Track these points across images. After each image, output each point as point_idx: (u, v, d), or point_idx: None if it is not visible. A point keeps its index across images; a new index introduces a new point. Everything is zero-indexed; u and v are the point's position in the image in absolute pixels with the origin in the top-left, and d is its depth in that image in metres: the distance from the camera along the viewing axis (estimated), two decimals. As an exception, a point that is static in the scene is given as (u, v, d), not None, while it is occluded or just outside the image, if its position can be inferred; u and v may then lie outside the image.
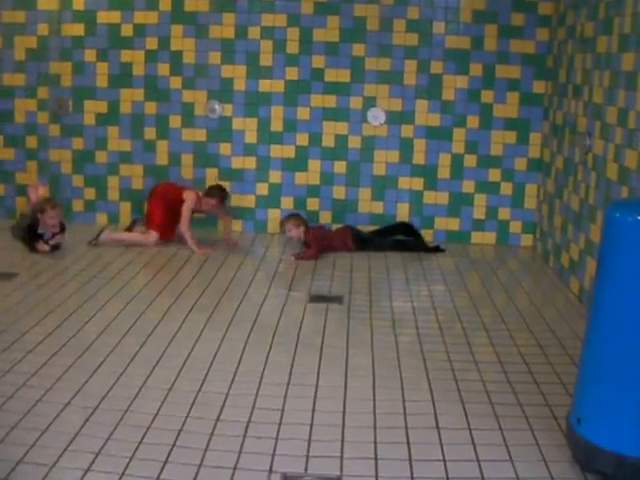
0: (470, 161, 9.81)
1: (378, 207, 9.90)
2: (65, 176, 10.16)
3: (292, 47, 9.74)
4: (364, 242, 9.37)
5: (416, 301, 7.55)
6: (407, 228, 9.73)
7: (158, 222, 9.24)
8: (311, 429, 4.77)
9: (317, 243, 9.06)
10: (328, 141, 9.88)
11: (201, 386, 5.35)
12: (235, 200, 10.02)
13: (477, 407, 5.17)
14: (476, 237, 9.95)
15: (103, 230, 9.27)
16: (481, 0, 9.50)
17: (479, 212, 9.91)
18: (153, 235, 9.18)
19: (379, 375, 5.66)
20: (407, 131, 9.81)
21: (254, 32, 9.75)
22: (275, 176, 10.02)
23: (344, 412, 5.02)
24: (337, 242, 9.28)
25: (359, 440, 4.66)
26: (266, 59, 9.80)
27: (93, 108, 10.04)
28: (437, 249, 9.42)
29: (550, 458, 4.49)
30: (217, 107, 9.94)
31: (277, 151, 9.97)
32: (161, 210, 9.22)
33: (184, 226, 9.04)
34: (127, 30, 9.84)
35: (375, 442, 4.63)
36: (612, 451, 4.10)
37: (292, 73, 9.79)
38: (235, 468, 4.27)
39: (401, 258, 9.05)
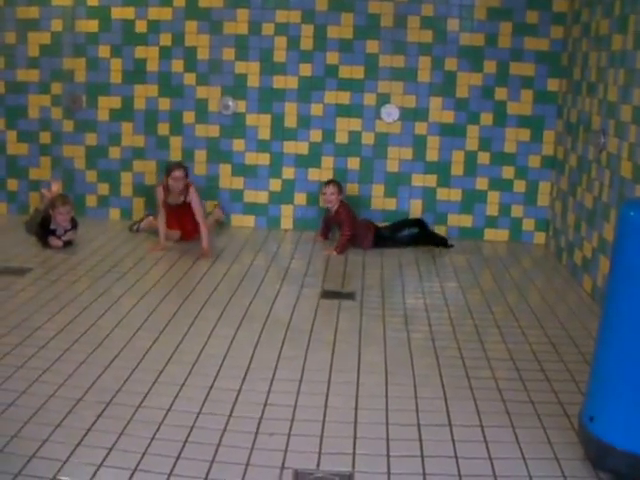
0: (483, 158, 9.80)
1: (391, 203, 9.89)
2: (78, 171, 10.18)
3: (306, 43, 9.74)
4: (383, 241, 9.35)
5: (428, 298, 7.54)
6: (417, 222, 9.70)
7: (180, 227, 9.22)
8: (323, 426, 4.77)
9: (350, 221, 9.12)
10: (341, 137, 9.88)
11: (213, 382, 5.35)
12: (248, 196, 10.03)
13: (489, 404, 5.17)
14: (489, 234, 9.93)
15: (145, 218, 9.57)
16: (495, -3, 9.51)
17: (492, 209, 9.89)
18: (177, 233, 9.19)
19: (391, 372, 5.66)
20: (421, 128, 9.80)
21: (268, 28, 9.75)
22: (288, 172, 10.02)
23: (356, 409, 5.02)
24: (360, 233, 9.25)
25: (371, 437, 4.66)
26: (280, 55, 9.79)
27: (107, 104, 10.05)
28: (445, 243, 9.39)
29: (562, 456, 4.48)
30: (231, 103, 9.94)
31: (290, 147, 9.97)
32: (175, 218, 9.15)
33: (159, 219, 9.03)
34: (141, 26, 9.85)
35: (387, 439, 4.63)
36: (625, 450, 4.09)
37: (306, 69, 9.79)
38: (247, 464, 4.27)
39: (414, 255, 9.04)
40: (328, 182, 9.42)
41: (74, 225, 8.92)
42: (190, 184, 8.96)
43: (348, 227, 9.07)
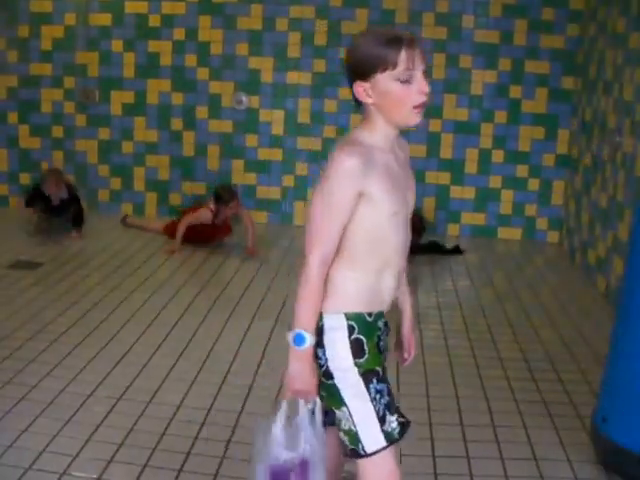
0: (497, 156, 9.76)
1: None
2: (91, 166, 10.18)
3: (320, 39, 9.71)
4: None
5: (441, 296, 7.52)
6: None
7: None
8: (334, 424, 4.75)
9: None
10: (355, 134, 9.83)
11: (225, 378, 5.34)
12: (261, 192, 10.02)
13: (501, 404, 5.14)
14: (502, 232, 9.90)
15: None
16: (511, -6, 9.47)
17: (506, 207, 9.86)
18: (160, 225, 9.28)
19: (403, 370, 5.58)
20: (435, 125, 9.77)
21: (282, 24, 9.73)
22: (301, 168, 10.00)
23: (367, 407, 5.00)
24: None
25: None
26: (294, 51, 9.78)
27: (120, 98, 10.05)
28: (457, 250, 9.26)
29: (574, 457, 4.46)
30: (244, 98, 9.93)
31: (304, 143, 9.95)
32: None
33: (180, 227, 8.68)
34: (154, 20, 9.84)
35: (398, 438, 4.61)
36: (637, 451, 4.06)
37: (320, 65, 9.77)
38: (258, 461, 4.25)
39: (426, 253, 8.99)
40: None
41: (72, 197, 8.98)
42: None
43: None
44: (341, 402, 2.82)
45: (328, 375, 2.81)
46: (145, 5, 9.82)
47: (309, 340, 2.73)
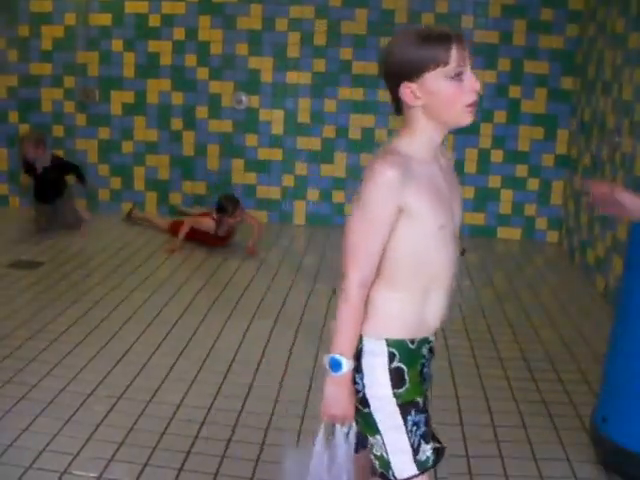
0: (497, 156, 9.77)
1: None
2: (91, 165, 10.18)
3: (320, 39, 9.72)
4: None
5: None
6: None
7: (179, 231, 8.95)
8: (334, 423, 4.76)
9: None
10: (355, 134, 9.87)
11: (225, 377, 5.36)
12: (261, 191, 10.03)
13: (501, 404, 5.15)
14: (502, 232, 9.91)
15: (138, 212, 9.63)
16: (510, -6, 9.48)
17: (505, 207, 9.87)
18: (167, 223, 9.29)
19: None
20: (434, 125, 9.76)
21: (282, 24, 9.73)
22: (301, 168, 10.01)
23: (367, 406, 5.01)
24: None
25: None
26: (293, 51, 9.78)
27: (120, 98, 10.06)
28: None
29: (574, 457, 4.47)
30: (244, 98, 9.93)
31: (303, 143, 9.96)
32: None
33: (182, 231, 8.70)
34: (154, 20, 9.85)
35: (398, 437, 4.61)
36: (637, 451, 4.07)
37: (319, 65, 9.77)
38: (258, 460, 4.27)
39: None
40: None
41: (60, 164, 9.11)
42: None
43: None
44: (376, 431, 2.69)
45: (364, 402, 2.68)
46: (145, 5, 9.83)
47: (345, 365, 2.61)
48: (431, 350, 2.86)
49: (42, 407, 4.74)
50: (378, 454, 2.72)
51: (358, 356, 2.65)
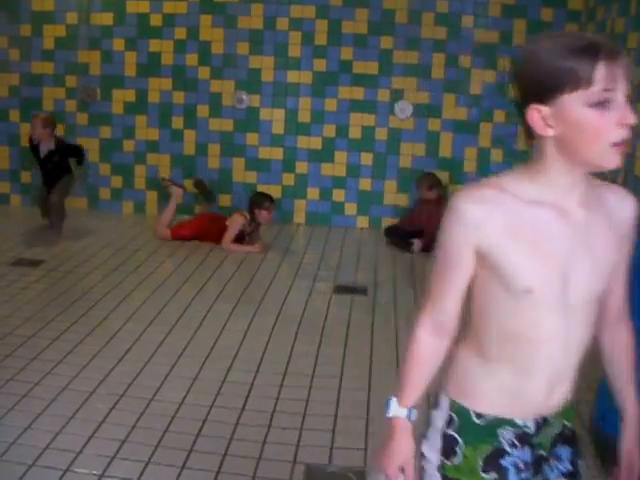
0: (496, 155, 9.79)
1: (403, 199, 9.90)
2: (92, 164, 10.20)
3: (320, 39, 9.74)
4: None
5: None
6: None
7: (181, 232, 9.04)
8: (335, 420, 4.79)
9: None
10: (355, 133, 9.89)
11: (226, 376, 5.38)
12: (261, 190, 10.04)
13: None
14: (501, 231, 9.91)
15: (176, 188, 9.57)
16: (510, -6, 9.51)
17: (504, 207, 9.87)
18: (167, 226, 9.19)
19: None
20: (434, 124, 9.80)
21: (282, 23, 9.76)
22: (301, 167, 10.03)
23: (368, 404, 5.04)
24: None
25: (383, 432, 4.66)
26: (294, 50, 9.81)
27: (121, 97, 10.08)
28: None
29: (573, 454, 4.48)
30: (245, 97, 9.95)
31: (304, 142, 9.98)
32: (193, 232, 9.00)
33: (227, 244, 8.73)
34: (156, 20, 9.87)
35: (399, 435, 4.63)
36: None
37: (320, 65, 9.80)
38: (259, 458, 4.29)
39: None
40: (426, 175, 9.38)
41: (62, 146, 9.04)
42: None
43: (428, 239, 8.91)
44: None
45: (421, 456, 2.36)
46: (146, 4, 9.85)
47: (392, 409, 2.35)
48: (532, 446, 2.29)
49: (44, 405, 4.76)
50: None
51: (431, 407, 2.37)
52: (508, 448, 2.23)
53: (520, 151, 9.69)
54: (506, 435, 2.23)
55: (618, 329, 2.46)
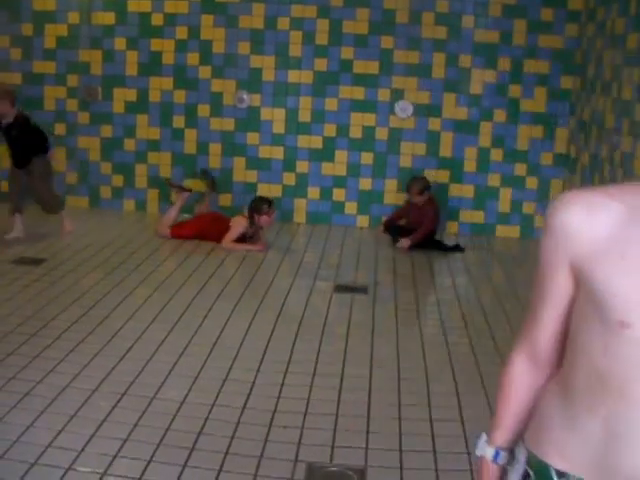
0: (496, 155, 9.81)
1: (403, 199, 9.91)
2: (93, 163, 10.23)
3: (321, 38, 9.76)
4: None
5: (440, 293, 7.58)
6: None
7: (182, 232, 9.04)
8: (336, 419, 4.80)
9: (432, 223, 9.15)
10: (355, 132, 9.91)
11: (227, 375, 5.39)
12: (262, 190, 10.06)
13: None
14: (500, 230, 9.95)
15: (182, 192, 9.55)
16: (511, -6, 9.52)
17: (504, 206, 9.91)
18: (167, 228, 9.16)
19: (403, 366, 5.69)
20: (434, 124, 9.82)
21: (283, 23, 9.77)
22: (302, 166, 10.05)
23: (369, 403, 5.06)
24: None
25: (384, 431, 4.70)
26: (295, 50, 9.82)
27: (122, 96, 10.10)
28: (457, 248, 9.25)
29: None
30: (245, 97, 9.97)
31: (304, 141, 10.00)
32: (194, 232, 9.00)
33: (227, 244, 8.75)
34: (157, 19, 9.88)
35: (400, 434, 4.66)
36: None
37: (321, 64, 9.82)
38: (261, 457, 4.31)
39: (425, 250, 9.04)
40: (415, 180, 9.34)
41: (21, 123, 8.57)
42: None
43: (424, 230, 9.04)
44: None
45: None
46: (148, 4, 9.87)
47: (480, 447, 2.02)
48: None
49: (46, 403, 4.77)
50: None
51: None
52: None
53: (520, 151, 9.74)
54: None
55: None
